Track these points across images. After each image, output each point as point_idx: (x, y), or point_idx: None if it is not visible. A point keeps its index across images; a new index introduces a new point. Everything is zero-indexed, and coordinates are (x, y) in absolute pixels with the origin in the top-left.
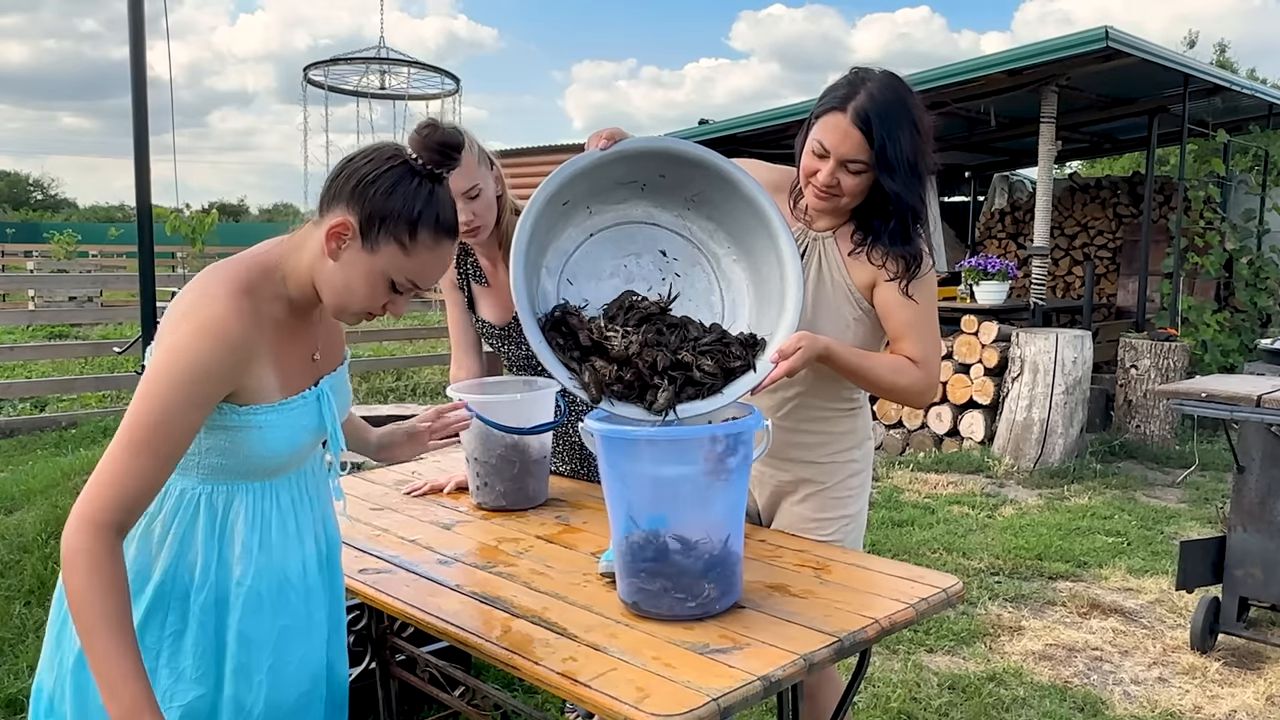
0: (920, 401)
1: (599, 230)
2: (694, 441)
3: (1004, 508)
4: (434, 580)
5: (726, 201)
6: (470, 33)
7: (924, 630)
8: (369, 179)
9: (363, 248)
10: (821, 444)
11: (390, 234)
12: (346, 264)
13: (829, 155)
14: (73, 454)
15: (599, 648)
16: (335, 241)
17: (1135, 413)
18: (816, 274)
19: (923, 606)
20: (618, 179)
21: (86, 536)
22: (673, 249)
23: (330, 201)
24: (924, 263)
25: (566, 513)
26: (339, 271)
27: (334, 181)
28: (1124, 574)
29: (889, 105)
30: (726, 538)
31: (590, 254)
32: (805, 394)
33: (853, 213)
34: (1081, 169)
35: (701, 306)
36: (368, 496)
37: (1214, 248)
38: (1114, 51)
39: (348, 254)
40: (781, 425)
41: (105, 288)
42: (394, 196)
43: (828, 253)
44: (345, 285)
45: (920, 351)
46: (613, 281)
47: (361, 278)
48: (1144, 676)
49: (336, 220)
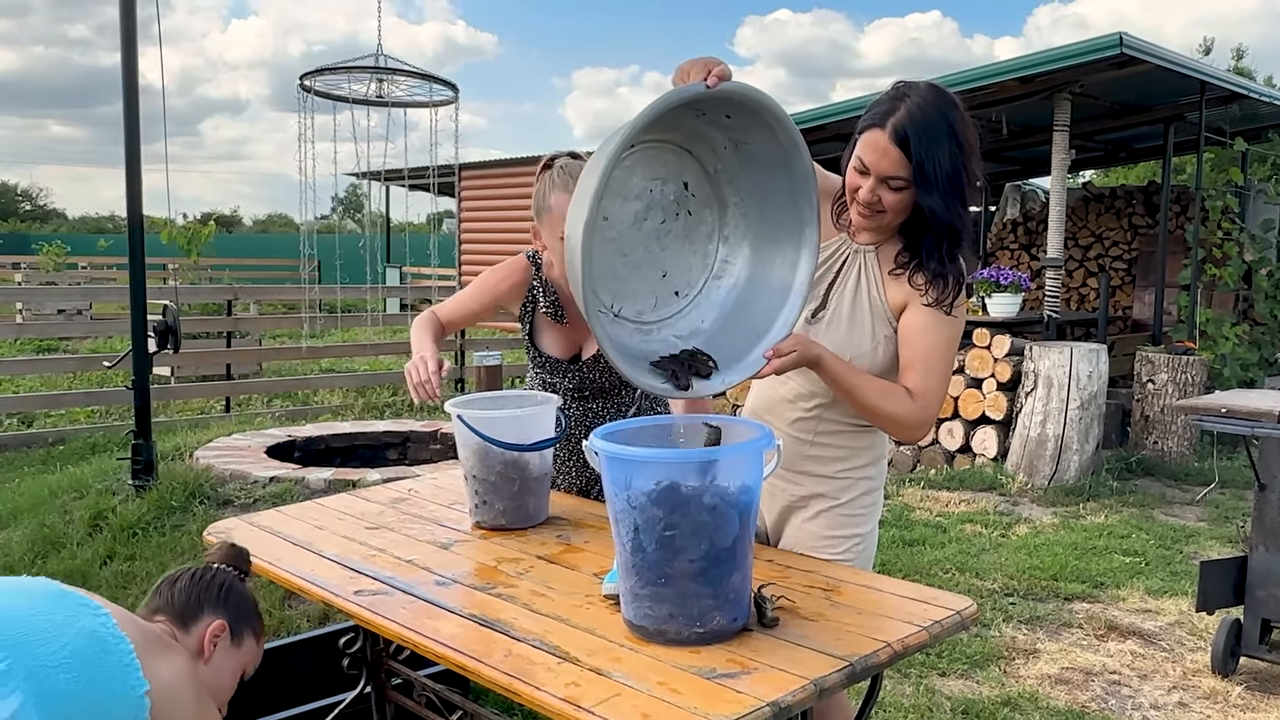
0: (907, 434)
1: (643, 142)
2: (699, 460)
3: (1018, 526)
4: (431, 602)
5: (770, 172)
6: (469, 39)
7: (936, 653)
8: (226, 591)
9: (231, 644)
10: (838, 458)
11: (251, 631)
12: (218, 664)
13: (869, 172)
14: (60, 471)
15: (602, 672)
16: (212, 641)
17: (1153, 428)
18: (854, 287)
19: (936, 629)
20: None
21: None
22: (694, 183)
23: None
24: (962, 286)
25: (568, 531)
26: (214, 671)
27: (188, 597)
28: (1142, 595)
29: (928, 121)
30: (734, 559)
31: (629, 166)
32: (825, 406)
33: (900, 230)
34: (1096, 178)
35: (698, 252)
36: (364, 515)
37: (1232, 259)
38: (1129, 58)
39: (218, 654)
40: (798, 437)
41: (95, 300)
42: (245, 600)
43: (868, 267)
44: (218, 683)
45: (921, 385)
46: (634, 205)
47: (231, 674)
48: (1164, 701)
49: (215, 624)
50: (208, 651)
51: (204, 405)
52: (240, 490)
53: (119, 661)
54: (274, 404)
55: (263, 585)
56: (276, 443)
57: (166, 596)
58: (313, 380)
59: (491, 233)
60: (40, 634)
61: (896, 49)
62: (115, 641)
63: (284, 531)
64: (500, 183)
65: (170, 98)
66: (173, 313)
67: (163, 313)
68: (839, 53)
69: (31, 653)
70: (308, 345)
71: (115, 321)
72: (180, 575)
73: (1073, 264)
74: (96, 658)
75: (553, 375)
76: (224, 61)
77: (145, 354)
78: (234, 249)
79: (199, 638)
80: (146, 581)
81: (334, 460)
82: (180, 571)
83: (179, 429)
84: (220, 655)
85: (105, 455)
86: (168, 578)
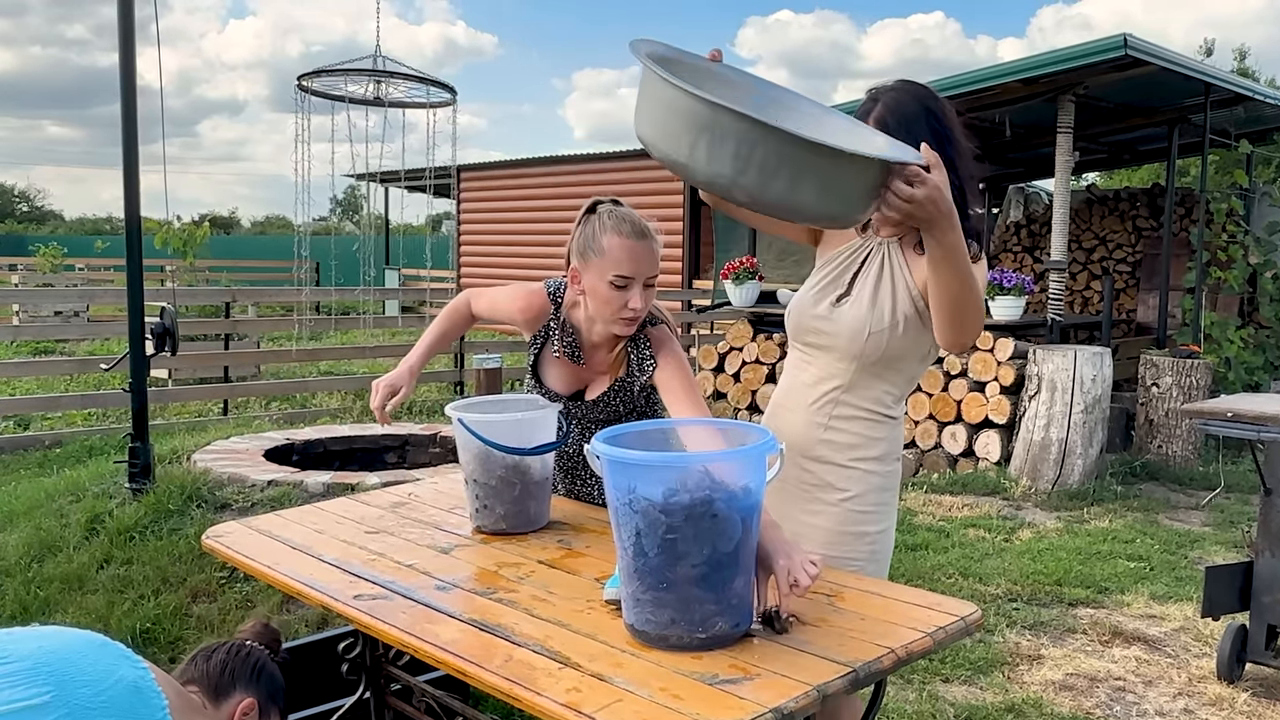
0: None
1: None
2: (701, 464)
3: (1021, 531)
4: (431, 607)
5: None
6: (469, 40)
7: (940, 659)
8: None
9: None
10: (851, 445)
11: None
12: None
13: None
14: (57, 474)
15: (604, 678)
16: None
17: (1157, 432)
18: (878, 272)
19: (940, 636)
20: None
21: None
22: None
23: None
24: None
25: (569, 536)
26: None
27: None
28: (1147, 600)
29: (904, 106)
30: (737, 564)
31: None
32: (843, 389)
33: None
34: (1099, 180)
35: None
36: (363, 519)
37: (1237, 262)
38: (1133, 60)
39: None
40: (814, 421)
41: (92, 302)
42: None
43: (891, 255)
44: None
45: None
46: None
47: None
48: (1169, 708)
49: (245, 701)
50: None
51: (202, 408)
52: (238, 494)
53: (152, 715)
54: (272, 407)
55: (261, 589)
56: (275, 446)
57: (202, 669)
58: (311, 383)
59: (490, 234)
60: (83, 676)
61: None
62: (152, 695)
63: (282, 535)
64: (499, 184)
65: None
66: (170, 315)
67: (160, 315)
68: (841, 54)
69: (74, 693)
70: (297, 349)
71: (112, 323)
72: (216, 650)
73: (1076, 267)
74: (132, 708)
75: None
76: (222, 62)
77: (143, 356)
78: (232, 250)
79: (229, 714)
80: (144, 585)
81: (333, 463)
82: (216, 645)
83: (176, 432)
84: None
85: (102, 458)
86: (203, 650)
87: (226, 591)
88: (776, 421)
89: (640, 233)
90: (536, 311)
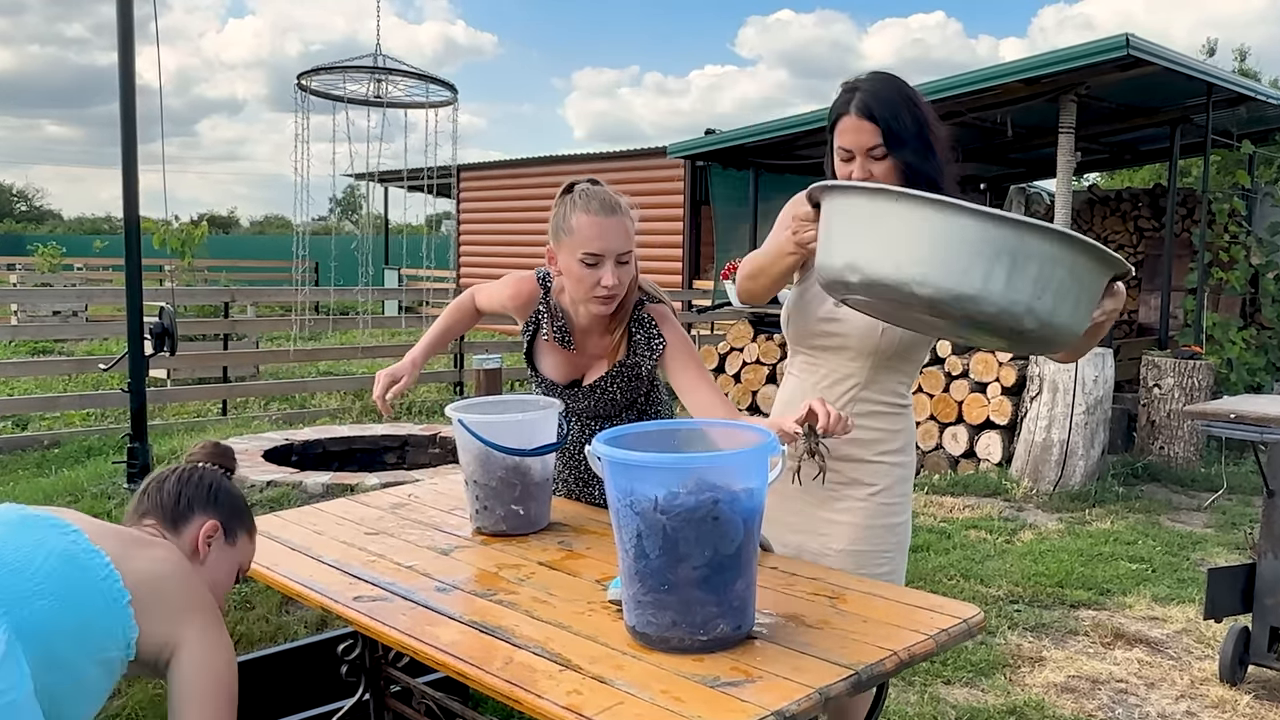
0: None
1: None
2: (705, 468)
3: (1023, 532)
4: (431, 608)
5: None
6: (469, 39)
7: (941, 661)
8: (215, 490)
9: (225, 543)
10: (876, 440)
11: (244, 528)
12: (213, 564)
13: (854, 154)
14: (55, 474)
15: (605, 680)
16: (207, 541)
17: (1159, 434)
18: None
19: (943, 638)
20: None
21: None
22: None
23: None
24: None
25: (569, 538)
26: (210, 571)
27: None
28: (1149, 602)
29: (884, 92)
30: (738, 565)
31: None
32: (861, 386)
33: None
34: (1101, 181)
35: None
36: (362, 521)
37: (1239, 262)
38: (1135, 60)
39: (214, 554)
40: None
41: (91, 302)
42: (235, 498)
43: None
44: (215, 583)
45: None
46: None
47: (227, 573)
48: (1171, 710)
49: (207, 524)
50: (203, 552)
51: (200, 408)
52: None
53: (96, 576)
54: (271, 407)
55: (259, 590)
56: (274, 446)
57: (156, 500)
58: (310, 383)
59: (490, 234)
60: (6, 565)
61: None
62: (89, 557)
63: (282, 536)
64: (499, 184)
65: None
66: (169, 314)
67: (159, 314)
68: (842, 53)
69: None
70: (295, 349)
71: (111, 323)
72: (167, 478)
73: None
74: (72, 577)
75: (552, 397)
76: (221, 61)
77: (141, 356)
78: (231, 250)
79: (191, 540)
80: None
81: (332, 464)
82: (166, 473)
83: (175, 432)
84: (215, 555)
85: (101, 458)
86: (154, 479)
87: None
88: None
89: (609, 208)
90: (526, 297)
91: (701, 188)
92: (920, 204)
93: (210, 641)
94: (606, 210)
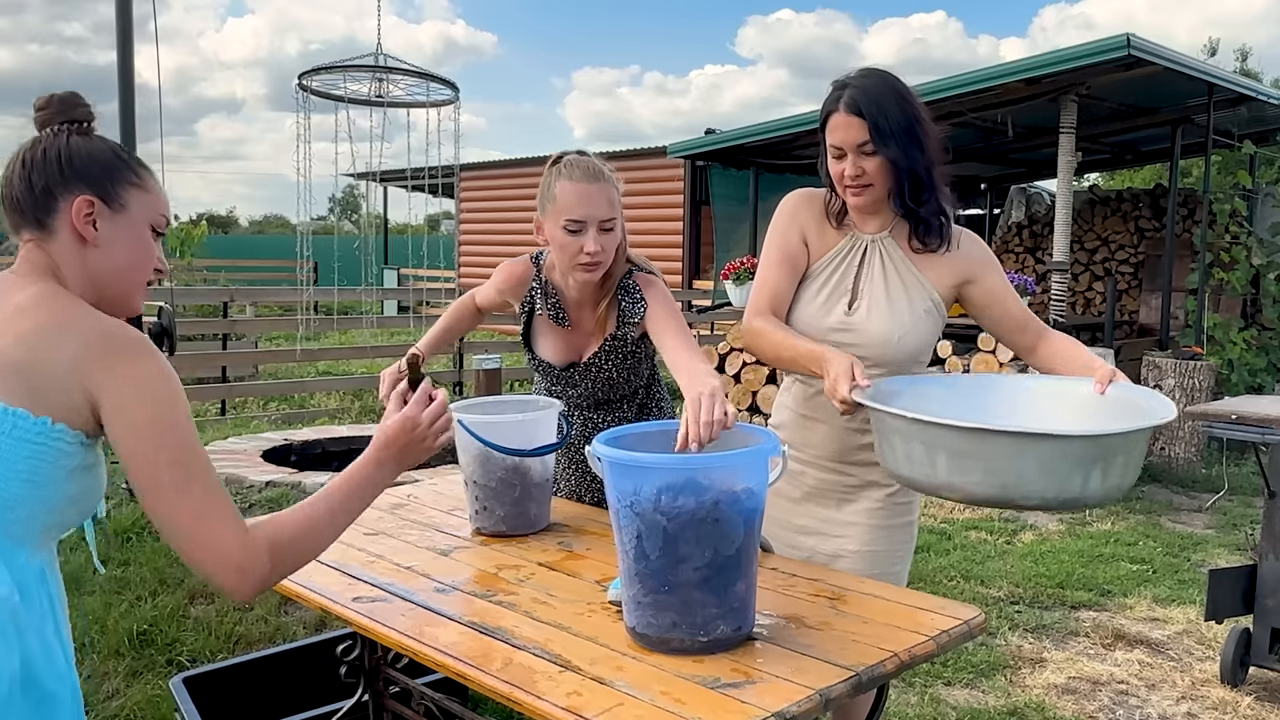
0: None
1: None
2: (705, 469)
3: (1023, 533)
4: (431, 609)
5: None
6: (469, 38)
7: (941, 662)
8: (67, 159)
9: (114, 213)
10: None
11: (127, 181)
12: (109, 241)
13: (845, 151)
14: None
15: (605, 681)
16: (87, 221)
17: (1160, 434)
18: (881, 270)
19: (944, 639)
20: None
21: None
22: None
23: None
24: (948, 223)
25: (569, 538)
26: (108, 251)
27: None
28: (1150, 603)
29: (873, 88)
30: (739, 566)
31: None
32: None
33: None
34: (1102, 181)
35: None
36: (362, 521)
37: (1240, 263)
38: (1136, 60)
39: (103, 231)
40: (848, 428)
41: None
42: (96, 154)
43: (888, 249)
44: (128, 265)
45: (1037, 320)
46: None
47: (133, 241)
48: (1172, 711)
49: (75, 203)
50: (89, 236)
51: (199, 408)
52: (236, 495)
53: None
54: (270, 407)
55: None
56: (273, 446)
57: (14, 204)
58: (309, 383)
59: (491, 234)
60: None
61: (900, 49)
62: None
63: None
64: (500, 183)
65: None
66: (168, 314)
67: (158, 314)
68: (842, 53)
69: None
70: (302, 348)
71: None
72: (12, 174)
73: (1078, 268)
74: None
75: (552, 383)
76: (220, 60)
77: None
78: (230, 250)
79: (70, 229)
80: (141, 587)
81: (331, 464)
82: (10, 163)
83: None
84: (107, 231)
85: None
86: (3, 177)
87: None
88: (805, 433)
89: (592, 176)
90: (519, 278)
91: (701, 187)
92: (1023, 440)
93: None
94: (589, 177)
